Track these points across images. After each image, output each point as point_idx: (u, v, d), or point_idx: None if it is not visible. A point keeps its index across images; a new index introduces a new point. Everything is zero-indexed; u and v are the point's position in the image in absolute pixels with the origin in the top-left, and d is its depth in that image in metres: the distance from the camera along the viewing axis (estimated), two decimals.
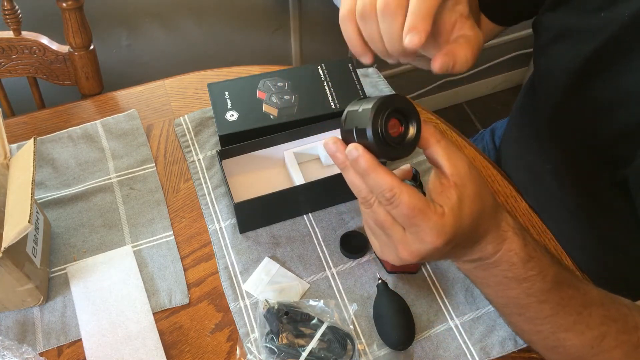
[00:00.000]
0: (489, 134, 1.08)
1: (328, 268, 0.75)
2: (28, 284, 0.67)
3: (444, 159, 0.49)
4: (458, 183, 0.48)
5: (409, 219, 0.47)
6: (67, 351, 0.68)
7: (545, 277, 0.53)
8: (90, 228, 0.78)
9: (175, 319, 0.71)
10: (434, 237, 0.47)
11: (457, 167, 0.49)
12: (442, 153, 0.49)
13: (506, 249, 0.52)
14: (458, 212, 0.48)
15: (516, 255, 0.52)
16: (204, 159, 0.85)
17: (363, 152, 0.48)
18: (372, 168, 0.47)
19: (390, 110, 0.48)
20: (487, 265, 0.53)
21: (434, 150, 0.49)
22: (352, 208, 0.80)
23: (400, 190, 0.47)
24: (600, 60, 0.65)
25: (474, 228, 0.50)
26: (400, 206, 0.47)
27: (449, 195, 0.48)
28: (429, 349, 0.68)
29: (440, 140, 0.49)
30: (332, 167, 0.83)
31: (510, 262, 0.52)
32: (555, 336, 0.56)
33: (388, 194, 0.47)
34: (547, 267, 0.53)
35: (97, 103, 0.93)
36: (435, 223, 0.47)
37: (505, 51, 1.96)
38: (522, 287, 0.53)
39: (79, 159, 0.85)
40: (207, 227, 0.79)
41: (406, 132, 0.49)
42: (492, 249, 0.52)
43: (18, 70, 1.03)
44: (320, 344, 0.64)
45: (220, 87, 0.85)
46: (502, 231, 0.52)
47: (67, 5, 0.94)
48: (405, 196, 0.47)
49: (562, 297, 0.54)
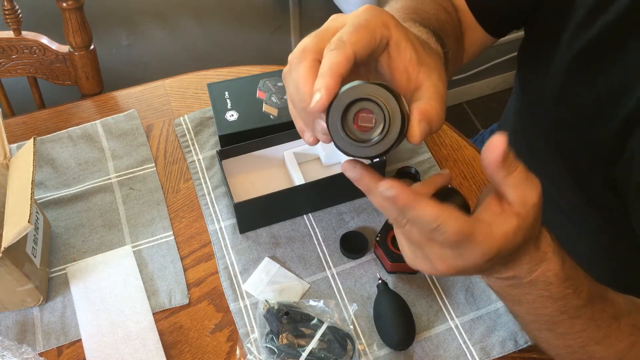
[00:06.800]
0: (489, 134, 1.08)
1: (328, 268, 0.75)
2: (28, 284, 0.67)
3: (510, 189, 0.44)
4: (522, 214, 0.44)
5: (455, 243, 0.44)
6: (66, 351, 0.68)
7: (580, 293, 0.51)
8: (90, 228, 0.78)
9: (175, 319, 0.71)
10: (477, 258, 0.45)
11: (525, 197, 0.44)
12: (511, 184, 0.44)
13: (544, 269, 0.49)
14: (512, 239, 0.44)
15: (554, 275, 0.49)
16: (203, 159, 0.85)
17: (400, 191, 0.42)
18: (410, 205, 0.42)
19: (353, 102, 0.41)
20: (521, 285, 0.50)
21: (501, 184, 0.44)
22: (352, 208, 0.80)
23: (446, 219, 0.43)
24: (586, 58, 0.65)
25: (516, 250, 0.47)
26: (446, 234, 0.43)
27: (508, 220, 0.44)
28: (429, 349, 0.68)
29: (511, 174, 0.43)
30: (332, 167, 0.83)
31: (548, 282, 0.49)
32: (584, 350, 0.54)
33: (433, 225, 0.43)
34: (582, 283, 0.51)
35: (97, 103, 0.93)
36: (482, 246, 0.44)
37: (505, 51, 1.96)
38: (557, 305, 0.51)
39: (78, 159, 0.85)
40: (207, 227, 0.79)
41: (375, 128, 0.42)
42: (527, 269, 0.49)
43: (18, 70, 1.03)
44: (320, 344, 0.64)
45: (220, 87, 0.85)
46: (541, 252, 0.49)
47: (67, 5, 0.94)
48: (452, 225, 0.43)
49: (594, 311, 0.52)
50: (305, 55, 0.43)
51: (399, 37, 0.45)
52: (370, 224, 0.78)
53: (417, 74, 0.45)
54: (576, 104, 0.68)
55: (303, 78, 0.43)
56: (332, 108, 0.41)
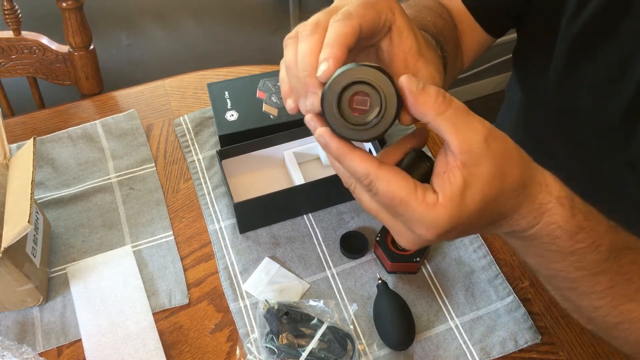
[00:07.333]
0: None
1: (328, 268, 0.75)
2: (28, 284, 0.67)
3: (449, 134, 0.40)
4: (468, 162, 0.40)
5: (391, 208, 0.42)
6: (66, 351, 0.68)
7: (598, 247, 0.46)
8: (90, 228, 0.78)
9: (175, 319, 0.71)
10: (422, 230, 0.42)
11: (468, 142, 0.40)
12: (446, 126, 0.40)
13: (546, 222, 0.44)
14: (459, 200, 0.40)
15: (559, 228, 0.45)
16: (203, 159, 0.85)
17: (330, 139, 0.42)
18: (342, 154, 0.42)
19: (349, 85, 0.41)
20: (524, 238, 0.46)
21: (435, 125, 0.41)
22: (352, 208, 0.80)
23: (376, 176, 0.41)
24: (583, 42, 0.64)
25: (489, 210, 0.43)
26: (379, 195, 0.41)
27: (452, 178, 0.41)
28: (429, 349, 0.68)
29: (443, 112, 0.40)
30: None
31: (552, 235, 0.45)
32: (617, 310, 0.49)
33: (365, 181, 0.42)
34: (602, 236, 0.46)
35: (96, 103, 0.93)
36: (422, 215, 0.41)
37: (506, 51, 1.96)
38: (569, 261, 0.47)
39: (78, 159, 0.85)
40: (207, 227, 0.78)
41: (371, 110, 0.41)
42: (526, 223, 0.45)
43: (18, 70, 1.03)
44: (320, 344, 0.64)
45: (220, 87, 0.85)
46: (539, 204, 0.44)
47: (67, 5, 0.94)
48: (382, 184, 0.41)
49: (622, 265, 0.47)
50: (317, 29, 0.44)
51: (402, 24, 0.45)
52: (370, 224, 0.78)
53: (415, 63, 0.46)
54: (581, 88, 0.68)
55: (311, 49, 0.43)
56: (327, 92, 0.41)
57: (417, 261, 0.71)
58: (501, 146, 0.41)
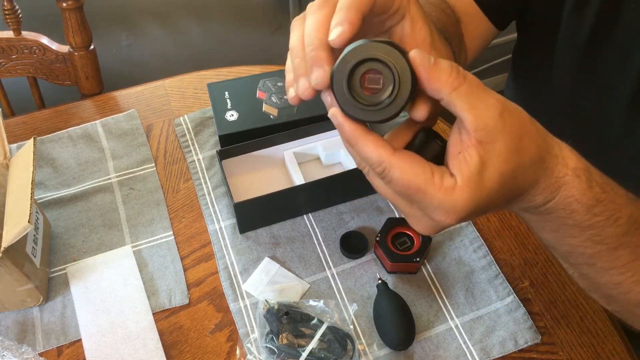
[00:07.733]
0: None
1: (328, 268, 0.75)
2: (28, 284, 0.67)
3: (463, 110, 0.38)
4: (483, 140, 0.38)
5: (408, 196, 0.40)
6: (66, 351, 0.68)
7: (617, 220, 0.44)
8: (90, 228, 0.78)
9: (175, 319, 0.71)
10: (441, 216, 0.40)
11: (482, 118, 0.38)
12: (460, 103, 0.38)
13: (563, 195, 0.43)
14: (478, 181, 0.39)
15: (576, 201, 0.43)
16: (203, 159, 0.85)
17: (343, 120, 0.39)
18: (354, 138, 0.40)
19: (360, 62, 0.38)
20: (539, 212, 0.45)
21: (449, 102, 0.39)
22: (352, 208, 0.80)
23: (390, 164, 0.39)
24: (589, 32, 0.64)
25: (507, 188, 0.41)
26: (392, 183, 0.39)
27: (468, 158, 0.39)
28: (429, 349, 0.68)
29: (457, 87, 0.38)
30: (332, 167, 0.83)
31: (569, 209, 0.43)
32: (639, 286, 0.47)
33: (378, 169, 0.40)
34: (621, 209, 0.45)
35: (97, 103, 0.93)
36: (440, 202, 0.39)
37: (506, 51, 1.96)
38: (586, 235, 0.45)
39: (78, 159, 0.85)
40: (207, 227, 0.78)
41: (384, 90, 0.39)
42: (543, 198, 0.43)
43: (18, 70, 1.03)
44: (320, 344, 0.64)
45: (220, 87, 0.85)
46: (556, 177, 0.42)
47: (67, 5, 0.94)
48: (396, 172, 0.39)
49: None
50: (326, 4, 0.41)
51: (416, 14, 0.44)
52: (370, 224, 0.78)
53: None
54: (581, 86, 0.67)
55: (320, 22, 0.40)
56: (336, 71, 0.39)
57: (417, 261, 0.71)
58: (517, 121, 0.40)
